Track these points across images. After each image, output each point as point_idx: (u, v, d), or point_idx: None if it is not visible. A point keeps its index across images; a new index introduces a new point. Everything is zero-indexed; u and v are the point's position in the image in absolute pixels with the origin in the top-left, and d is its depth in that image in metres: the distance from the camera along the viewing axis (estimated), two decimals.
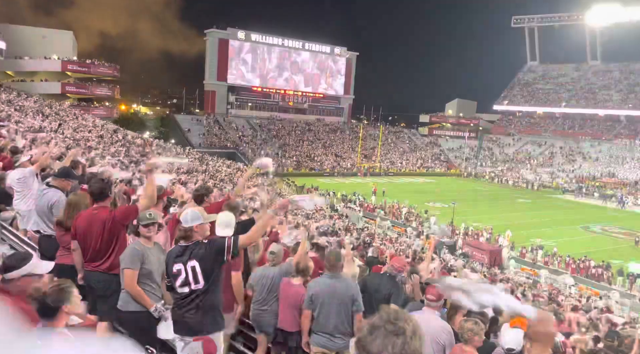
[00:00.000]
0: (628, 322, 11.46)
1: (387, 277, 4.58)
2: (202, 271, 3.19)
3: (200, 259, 3.20)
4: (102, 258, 3.79)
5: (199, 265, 3.19)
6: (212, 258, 3.22)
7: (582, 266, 22.14)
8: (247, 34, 67.29)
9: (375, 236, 20.65)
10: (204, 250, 3.24)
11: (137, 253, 3.52)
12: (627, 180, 52.59)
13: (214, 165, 34.62)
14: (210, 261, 3.21)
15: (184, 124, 58.62)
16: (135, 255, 3.51)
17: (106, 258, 3.79)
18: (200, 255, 3.21)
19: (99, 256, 3.79)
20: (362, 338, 1.42)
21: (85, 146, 18.64)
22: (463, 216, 30.92)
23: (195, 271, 3.19)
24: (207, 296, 3.24)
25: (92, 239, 3.78)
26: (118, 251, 3.74)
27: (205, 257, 3.21)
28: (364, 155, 61.06)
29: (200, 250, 3.24)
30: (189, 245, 3.27)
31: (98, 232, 3.76)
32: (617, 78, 72.91)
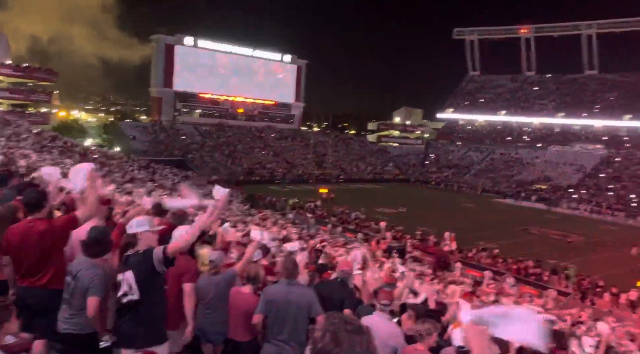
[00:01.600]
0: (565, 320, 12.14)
1: (338, 283, 4.60)
2: (137, 282, 3.08)
3: (135, 269, 3.10)
4: (39, 272, 3.52)
5: (134, 275, 3.08)
6: (146, 268, 3.11)
7: (522, 266, 23.24)
8: (195, 40, 66.13)
9: (326, 242, 20.73)
10: (138, 260, 3.14)
11: (108, 279, 3.34)
12: (560, 184, 55.94)
13: (161, 173, 33.62)
14: (143, 271, 3.10)
15: (128, 131, 56.57)
16: (107, 282, 3.33)
17: (44, 273, 3.53)
18: (136, 264, 3.12)
19: (36, 271, 3.52)
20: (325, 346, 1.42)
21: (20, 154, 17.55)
22: (411, 221, 31.70)
23: (130, 281, 3.08)
24: (143, 308, 3.12)
25: (28, 253, 3.50)
26: (57, 266, 3.52)
27: (139, 267, 3.11)
28: (315, 162, 61.36)
29: (135, 259, 3.14)
30: (130, 255, 3.17)
31: (35, 246, 3.50)
32: (551, 88, 77.68)
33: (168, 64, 63.62)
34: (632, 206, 46.98)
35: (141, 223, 3.31)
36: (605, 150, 61.48)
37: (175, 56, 64.28)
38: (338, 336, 1.42)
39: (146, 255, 3.16)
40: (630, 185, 52.00)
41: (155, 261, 3.10)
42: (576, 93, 73.96)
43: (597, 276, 21.80)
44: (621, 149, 60.76)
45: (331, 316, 1.54)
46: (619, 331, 10.97)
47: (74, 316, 3.33)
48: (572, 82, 76.80)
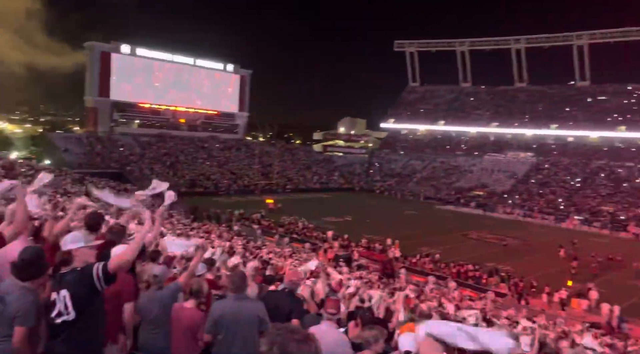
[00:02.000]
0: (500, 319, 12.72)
1: (285, 293, 4.55)
2: (73, 301, 2.88)
3: (71, 288, 2.89)
4: None
5: (69, 294, 2.88)
6: (83, 286, 2.92)
7: (462, 270, 24.16)
8: (133, 48, 63.99)
9: (273, 253, 20.55)
10: (74, 278, 2.94)
11: (39, 305, 3.05)
12: (496, 190, 58.93)
13: (97, 186, 31.98)
14: (81, 290, 2.91)
15: (60, 143, 53.53)
16: (39, 308, 3.02)
17: None
18: (71, 282, 2.91)
19: None
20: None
21: None
22: (357, 230, 32.15)
23: (65, 301, 2.88)
24: (79, 328, 2.91)
25: None
26: None
27: (75, 285, 2.90)
28: (261, 173, 60.92)
29: (70, 277, 2.94)
30: (64, 272, 2.95)
31: None
32: (485, 99, 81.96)
33: (104, 73, 61.06)
34: (560, 210, 50.26)
35: (76, 238, 3.11)
36: (535, 157, 65.53)
37: (112, 64, 61.85)
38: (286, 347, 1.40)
39: (84, 272, 2.95)
40: (558, 190, 55.68)
41: (94, 278, 2.91)
42: (508, 104, 78.50)
43: (531, 277, 23.07)
44: (549, 156, 65.02)
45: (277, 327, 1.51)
46: (554, 329, 11.64)
47: (1, 342, 3.07)
48: (504, 93, 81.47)
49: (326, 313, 3.92)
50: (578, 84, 74.50)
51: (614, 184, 54.55)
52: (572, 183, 57.18)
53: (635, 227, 41.88)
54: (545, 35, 75.41)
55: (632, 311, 19.24)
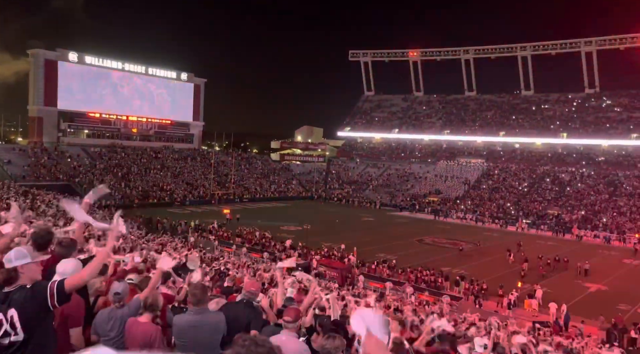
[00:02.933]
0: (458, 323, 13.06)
1: (243, 304, 4.49)
2: (21, 321, 2.71)
3: (20, 307, 2.72)
4: None
5: (18, 314, 2.71)
6: (34, 305, 2.76)
7: (418, 275, 24.66)
8: (80, 55, 61.65)
9: (230, 264, 20.23)
10: (24, 296, 2.77)
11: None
12: (449, 196, 60.69)
13: (42, 199, 30.47)
14: (30, 309, 2.76)
15: (2, 155, 50.67)
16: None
17: None
18: (20, 301, 2.74)
19: None
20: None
21: None
22: (316, 237, 32.19)
23: (13, 321, 2.71)
24: (30, 349, 2.77)
25: None
26: None
27: (25, 304, 2.73)
28: (217, 182, 59.96)
29: (19, 295, 2.77)
30: (10, 291, 2.78)
31: None
32: (437, 108, 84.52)
33: (49, 81, 58.42)
34: (509, 214, 52.37)
35: (21, 254, 2.95)
36: (485, 163, 68.09)
37: (59, 72, 59.31)
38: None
39: (35, 290, 2.80)
40: (507, 195, 58.03)
41: (48, 297, 2.77)
42: (459, 112, 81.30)
43: (482, 280, 23.83)
44: (498, 162, 67.74)
45: (241, 338, 1.50)
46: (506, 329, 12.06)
47: None
48: (454, 101, 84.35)
49: (283, 322, 3.90)
50: (523, 93, 78.23)
51: (558, 188, 57.49)
52: (520, 188, 59.78)
53: (578, 229, 44.21)
54: (492, 46, 78.80)
55: (578, 310, 20.25)
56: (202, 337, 3.72)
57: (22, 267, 2.85)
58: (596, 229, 45.14)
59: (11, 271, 2.80)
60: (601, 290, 24.88)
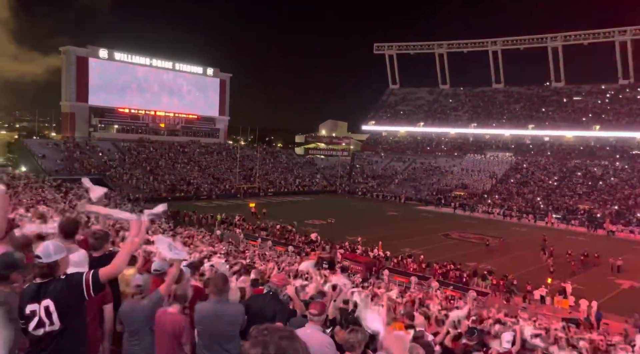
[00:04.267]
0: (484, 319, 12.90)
1: (270, 296, 4.54)
2: (58, 311, 2.81)
3: (56, 297, 2.83)
4: None
5: (54, 304, 2.81)
6: (70, 295, 2.87)
7: (444, 270, 24.42)
8: (111, 52, 63.04)
9: (256, 257, 20.48)
10: (60, 287, 2.87)
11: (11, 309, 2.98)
12: (476, 190, 59.75)
13: (75, 193, 31.43)
14: (67, 300, 2.86)
15: (37, 149, 52.43)
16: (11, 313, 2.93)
17: None
18: (56, 292, 2.84)
19: None
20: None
21: None
22: (340, 231, 32.22)
23: (49, 311, 2.81)
24: (64, 339, 2.87)
25: None
26: None
27: (62, 295, 2.84)
28: (243, 176, 60.60)
29: (56, 287, 2.87)
30: (44, 282, 2.90)
31: None
32: (464, 100, 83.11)
33: (81, 77, 59.99)
34: (538, 208, 51.22)
35: (60, 248, 3.07)
36: (513, 157, 66.70)
37: (90, 69, 60.84)
38: (268, 344, 1.42)
39: (71, 281, 2.90)
40: (536, 189, 56.74)
41: (84, 287, 2.88)
42: (486, 105, 79.74)
43: (512, 275, 23.42)
44: (527, 156, 66.24)
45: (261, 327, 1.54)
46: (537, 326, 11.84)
47: None
48: (482, 94, 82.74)
49: (309, 314, 3.94)
50: (554, 85, 76.14)
51: (590, 182, 55.87)
52: (550, 182, 58.36)
53: (610, 224, 42.93)
54: (521, 37, 76.88)
55: (610, 307, 19.72)
56: (221, 326, 3.80)
57: (61, 260, 2.97)
58: (630, 224, 43.74)
59: (53, 265, 2.91)
60: (635, 286, 24.14)
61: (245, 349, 1.45)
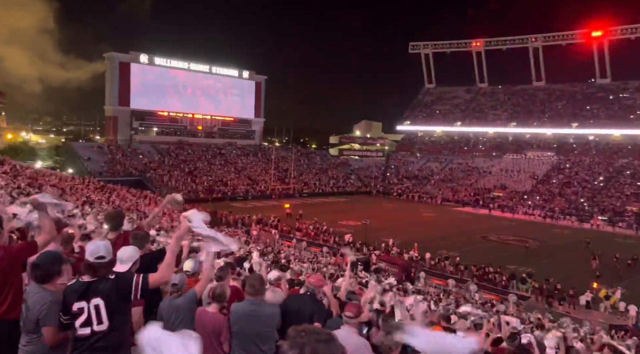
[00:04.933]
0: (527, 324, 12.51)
1: (307, 297, 4.54)
2: (107, 310, 2.90)
3: (106, 296, 2.91)
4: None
5: (104, 304, 2.90)
6: (119, 295, 2.95)
7: (483, 273, 23.85)
8: (151, 57, 65.05)
9: (292, 257, 20.62)
10: (110, 287, 2.95)
11: (57, 306, 3.08)
12: (516, 191, 58.04)
13: (117, 194, 32.54)
14: (116, 299, 2.94)
15: (82, 152, 54.68)
16: (57, 309, 3.08)
17: (1, 302, 3.31)
18: (106, 291, 2.92)
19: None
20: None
21: None
22: (375, 233, 32.00)
23: (99, 309, 2.89)
24: (112, 337, 2.94)
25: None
26: (15, 294, 3.32)
27: (111, 295, 2.92)
28: (278, 177, 61.17)
29: (106, 286, 2.94)
30: (94, 281, 2.99)
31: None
32: (502, 99, 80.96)
33: (123, 82, 62.19)
34: (583, 210, 49.25)
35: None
36: (555, 157, 64.43)
37: (131, 74, 62.98)
38: (305, 346, 1.42)
39: (121, 282, 3.00)
40: (580, 190, 54.59)
41: (130, 289, 2.98)
42: (526, 104, 77.39)
43: (554, 279, 22.62)
44: (570, 156, 63.84)
45: (299, 329, 1.54)
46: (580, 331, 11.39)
47: (29, 343, 3.15)
48: (521, 92, 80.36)
49: (344, 317, 3.92)
50: (598, 82, 73.08)
51: (639, 183, 53.24)
52: (595, 182, 56.01)
53: None
54: (563, 33, 74.24)
55: None
56: (256, 327, 3.82)
57: (111, 261, 3.09)
58: None
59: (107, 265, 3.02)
60: None
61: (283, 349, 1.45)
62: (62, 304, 3.00)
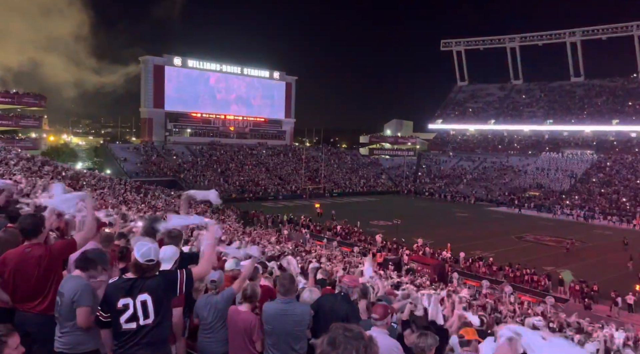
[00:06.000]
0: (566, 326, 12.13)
1: (341, 297, 4.53)
2: (154, 305, 2.99)
3: (153, 292, 3.00)
4: (37, 298, 3.44)
5: (151, 299, 2.99)
6: (166, 291, 3.07)
7: (518, 274, 23.24)
8: (184, 59, 66.47)
9: (324, 257, 20.63)
10: (156, 283, 3.04)
11: (90, 289, 3.26)
12: (553, 190, 56.32)
13: (152, 194, 33.41)
14: (162, 295, 3.04)
15: (119, 153, 56.40)
16: (91, 291, 3.25)
17: (42, 299, 3.44)
18: (153, 287, 3.01)
19: (34, 296, 3.44)
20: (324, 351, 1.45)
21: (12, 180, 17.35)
22: (407, 233, 31.67)
23: (146, 305, 2.97)
24: (157, 331, 3.03)
25: (25, 278, 3.42)
26: (55, 291, 3.45)
27: (158, 290, 3.02)
28: (308, 177, 61.39)
29: (152, 282, 3.04)
30: (137, 278, 3.08)
31: (32, 271, 3.42)
32: (538, 96, 78.72)
33: (157, 85, 63.78)
34: (625, 209, 47.33)
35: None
36: (595, 155, 62.17)
37: (165, 76, 64.51)
38: (335, 340, 1.45)
39: (167, 277, 3.14)
40: (622, 189, 52.48)
41: (176, 284, 3.12)
42: (563, 100, 74.99)
43: (593, 281, 21.84)
44: (611, 154, 61.47)
45: (334, 325, 1.58)
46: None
47: (64, 334, 3.24)
48: (558, 88, 77.91)
49: (372, 319, 3.90)
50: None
51: None
52: (638, 181, 53.71)
53: None
54: (603, 26, 71.51)
55: None
56: (287, 326, 3.83)
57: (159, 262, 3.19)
58: None
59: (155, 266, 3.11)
60: None
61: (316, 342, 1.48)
62: (105, 301, 3.07)
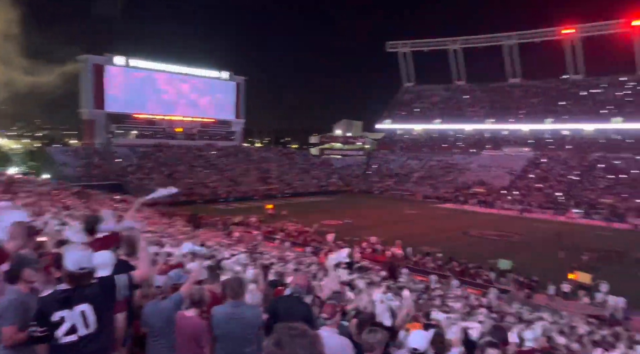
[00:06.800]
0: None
1: (296, 299, 4.51)
2: (95, 314, 2.85)
3: (92, 301, 2.85)
4: None
5: (91, 308, 2.84)
6: (105, 297, 2.94)
7: (464, 268, 24.13)
8: (127, 59, 64.05)
9: (275, 259, 20.52)
10: (94, 291, 2.89)
11: (17, 304, 3.02)
12: (494, 186, 58.98)
13: (96, 199, 31.93)
14: (103, 302, 2.91)
15: (58, 157, 53.52)
16: (18, 307, 3.01)
17: None
18: (91, 296, 2.86)
19: None
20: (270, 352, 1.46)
21: None
22: (359, 231, 32.10)
23: (85, 315, 2.82)
24: (99, 340, 2.89)
25: None
26: None
27: (97, 298, 2.88)
28: (259, 178, 60.90)
29: (89, 290, 2.88)
30: (73, 288, 2.91)
31: None
32: (480, 96, 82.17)
33: (98, 85, 61.08)
34: (559, 203, 50.32)
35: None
36: (532, 152, 65.65)
37: (106, 76, 61.88)
38: (281, 341, 1.46)
39: (105, 284, 2.97)
40: (556, 184, 55.76)
41: (118, 288, 3.00)
42: (503, 100, 78.73)
43: (532, 272, 23.05)
44: (546, 151, 65.15)
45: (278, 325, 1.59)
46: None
47: None
48: (498, 89, 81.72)
49: (321, 318, 3.93)
50: (572, 78, 74.78)
51: (612, 176, 54.68)
52: (570, 176, 57.30)
53: (634, 218, 41.92)
54: (536, 31, 75.70)
55: (634, 303, 19.24)
56: (239, 330, 3.80)
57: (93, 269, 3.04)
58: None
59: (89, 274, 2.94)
60: None
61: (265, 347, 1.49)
62: (39, 315, 2.83)
